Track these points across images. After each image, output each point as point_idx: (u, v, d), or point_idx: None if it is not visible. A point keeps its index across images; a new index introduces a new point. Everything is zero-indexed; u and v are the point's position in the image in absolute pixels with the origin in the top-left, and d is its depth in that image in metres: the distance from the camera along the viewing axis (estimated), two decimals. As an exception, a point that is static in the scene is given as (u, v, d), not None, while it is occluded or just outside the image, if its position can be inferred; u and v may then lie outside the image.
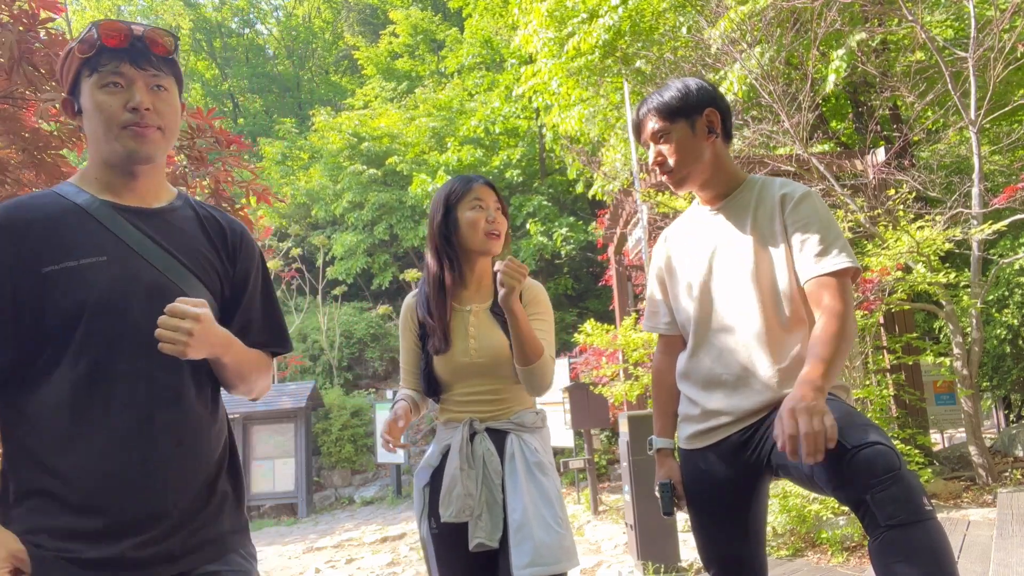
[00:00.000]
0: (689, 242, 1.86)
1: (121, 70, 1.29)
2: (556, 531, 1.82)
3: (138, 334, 1.25)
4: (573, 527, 7.17)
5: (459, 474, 1.88)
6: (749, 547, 1.74)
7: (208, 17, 28.52)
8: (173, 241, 1.35)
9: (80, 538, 1.18)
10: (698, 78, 1.86)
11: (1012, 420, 10.98)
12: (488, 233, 1.98)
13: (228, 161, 2.76)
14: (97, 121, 1.29)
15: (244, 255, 1.46)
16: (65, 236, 1.25)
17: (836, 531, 4.44)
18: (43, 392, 1.21)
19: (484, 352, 1.96)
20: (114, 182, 1.34)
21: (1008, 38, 5.56)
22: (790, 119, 5.72)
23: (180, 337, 1.21)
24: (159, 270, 1.31)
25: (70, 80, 1.32)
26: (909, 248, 5.18)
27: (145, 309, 1.25)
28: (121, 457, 1.22)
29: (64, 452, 1.20)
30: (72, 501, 1.19)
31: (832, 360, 1.49)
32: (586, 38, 8.19)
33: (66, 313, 1.22)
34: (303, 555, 7.75)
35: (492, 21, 17.37)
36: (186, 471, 1.29)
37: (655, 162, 1.82)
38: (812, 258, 1.63)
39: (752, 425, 1.67)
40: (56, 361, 1.21)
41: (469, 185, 2.03)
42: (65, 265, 1.22)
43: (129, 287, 1.27)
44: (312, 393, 11.77)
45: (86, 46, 1.28)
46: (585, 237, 13.56)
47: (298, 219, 17.22)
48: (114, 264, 1.26)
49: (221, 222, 1.46)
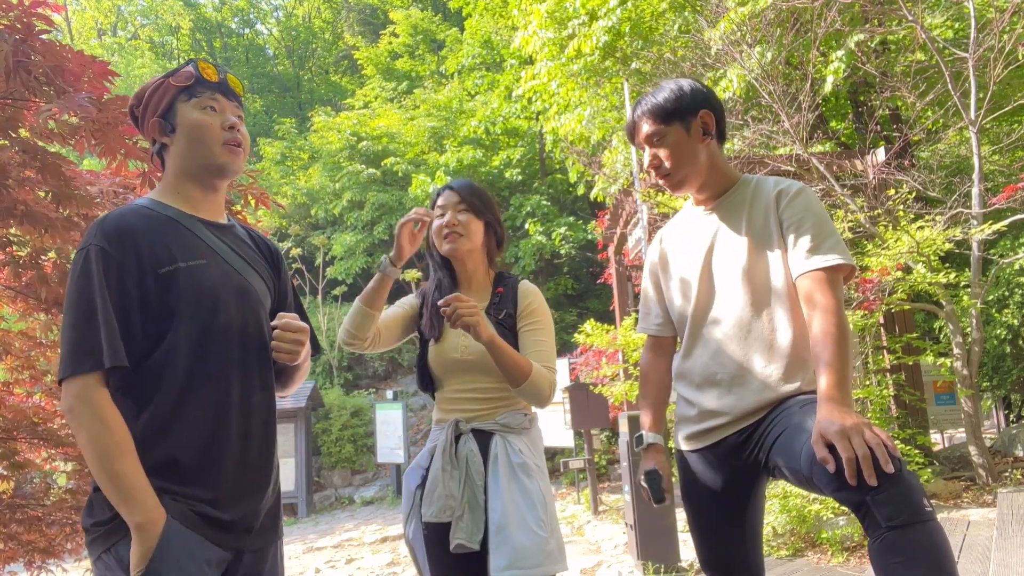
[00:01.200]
0: (684, 242, 1.86)
1: (216, 97, 1.53)
2: (537, 534, 1.80)
3: (232, 328, 1.45)
4: (573, 527, 7.16)
5: (441, 475, 1.89)
6: (746, 548, 1.74)
7: (208, 17, 28.52)
8: (244, 252, 1.56)
9: (202, 500, 1.36)
10: (693, 79, 1.86)
11: (1012, 420, 10.98)
12: (444, 236, 2.05)
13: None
14: (197, 136, 1.49)
15: (283, 270, 1.69)
16: (168, 242, 1.43)
17: (836, 531, 4.44)
18: (162, 378, 1.37)
19: (474, 349, 1.96)
20: (195, 196, 1.53)
21: (1008, 38, 5.56)
22: (790, 119, 5.73)
23: (295, 347, 1.48)
24: (242, 275, 1.51)
25: (164, 105, 1.51)
26: (909, 248, 5.18)
27: (236, 307, 1.47)
28: (229, 431, 1.41)
29: (182, 427, 1.37)
30: (190, 472, 1.36)
31: (840, 365, 1.49)
32: (586, 40, 8.19)
33: (180, 308, 1.39)
34: (303, 555, 7.75)
35: (492, 21, 17.36)
36: (272, 449, 1.51)
37: (651, 165, 1.81)
38: (804, 254, 1.63)
39: (750, 426, 1.66)
40: (173, 350, 1.38)
41: (438, 194, 2.14)
42: (177, 266, 1.40)
43: (224, 287, 1.46)
44: (312, 393, 11.77)
45: (183, 78, 1.50)
46: (585, 237, 13.55)
47: (298, 219, 17.23)
48: (212, 267, 1.46)
49: (266, 241, 1.69)
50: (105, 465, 1.27)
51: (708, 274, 1.76)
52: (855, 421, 1.37)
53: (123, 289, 1.36)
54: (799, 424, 1.52)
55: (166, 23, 27.48)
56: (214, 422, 1.39)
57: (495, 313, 2.02)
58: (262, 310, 1.54)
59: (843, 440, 1.34)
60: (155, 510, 1.28)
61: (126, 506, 1.27)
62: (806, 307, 1.61)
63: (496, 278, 2.12)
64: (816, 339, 1.55)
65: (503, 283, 2.09)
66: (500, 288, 2.07)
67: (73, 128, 2.44)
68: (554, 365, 2.00)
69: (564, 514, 7.99)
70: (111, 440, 1.28)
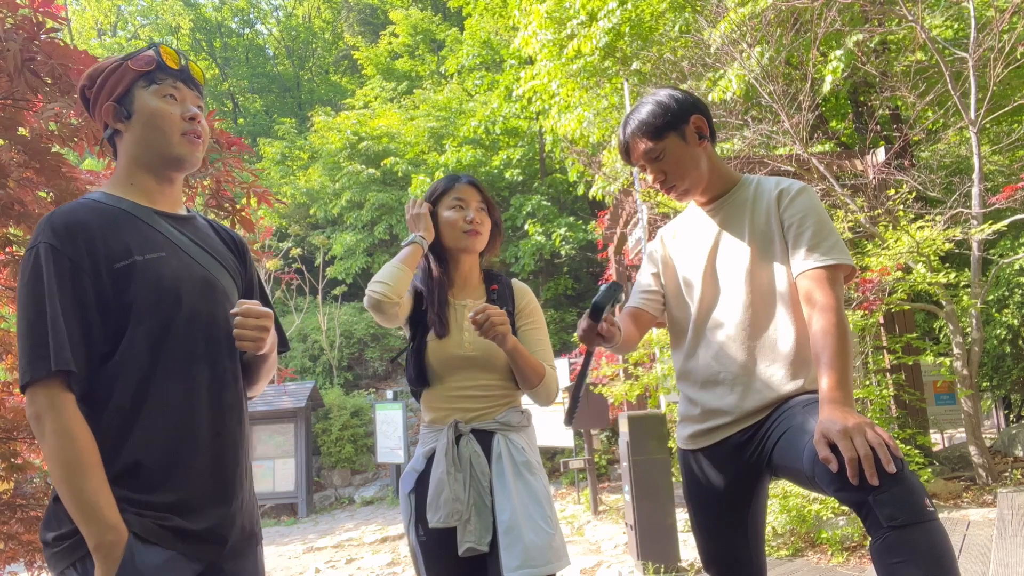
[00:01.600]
0: (686, 242, 1.86)
1: (177, 86, 1.46)
2: (546, 531, 1.80)
3: (197, 322, 1.38)
4: (573, 527, 7.16)
5: (446, 478, 1.84)
6: (749, 547, 1.74)
7: (208, 17, 28.52)
8: (207, 244, 1.49)
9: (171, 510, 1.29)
10: (671, 87, 1.85)
11: (1012, 420, 10.98)
12: (466, 231, 2.00)
13: (229, 162, 2.76)
14: (155, 125, 1.42)
15: (250, 262, 1.61)
16: (123, 236, 1.35)
17: (836, 531, 4.44)
18: (126, 377, 1.30)
19: (478, 346, 1.94)
20: (150, 187, 1.45)
21: (1008, 38, 5.56)
22: (790, 119, 5.73)
23: (259, 334, 1.39)
24: (204, 267, 1.44)
25: (121, 90, 1.43)
26: (909, 248, 5.19)
27: (200, 300, 1.40)
28: (199, 431, 1.35)
29: (145, 429, 1.30)
30: (156, 476, 1.29)
31: (840, 364, 1.49)
32: (586, 41, 8.19)
33: (139, 304, 1.33)
34: (303, 555, 7.75)
35: (492, 21, 17.37)
36: (244, 448, 1.44)
37: (656, 181, 1.81)
38: (804, 253, 1.63)
39: (753, 425, 1.66)
40: (133, 348, 1.31)
41: (451, 184, 2.06)
42: (133, 260, 1.33)
43: (186, 280, 1.39)
44: (312, 393, 11.77)
45: (142, 62, 1.43)
46: (585, 237, 13.55)
47: (298, 219, 17.23)
48: (172, 259, 1.39)
49: (230, 232, 1.61)
50: (68, 480, 1.21)
51: (711, 275, 1.77)
52: (857, 421, 1.37)
53: (77, 288, 1.28)
54: (801, 424, 1.52)
55: (166, 23, 27.46)
56: (181, 422, 1.33)
57: None
58: (228, 303, 1.46)
59: (845, 440, 1.34)
60: (115, 530, 1.21)
61: (86, 526, 1.21)
62: (806, 306, 1.61)
63: (485, 276, 2.11)
64: (816, 338, 1.55)
65: (495, 280, 2.08)
66: (494, 286, 2.05)
67: (73, 129, 2.44)
68: (553, 362, 2.02)
69: (564, 514, 7.99)
70: (74, 454, 1.22)
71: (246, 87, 27.70)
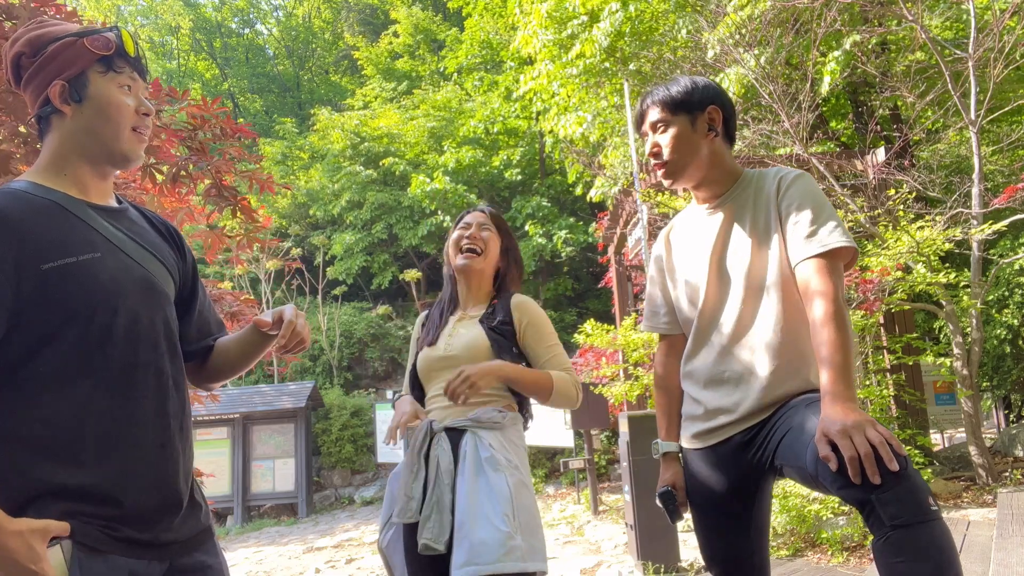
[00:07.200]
0: (689, 242, 1.85)
1: (134, 77, 1.36)
2: (498, 528, 1.73)
3: (137, 328, 1.28)
4: (573, 527, 7.15)
5: (405, 473, 1.91)
6: (751, 547, 1.73)
7: (208, 17, 28.51)
8: (143, 238, 1.39)
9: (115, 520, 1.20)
10: (708, 78, 1.86)
11: (1012, 420, 10.98)
12: (462, 250, 2.10)
13: (230, 151, 2.75)
14: (109, 116, 1.32)
15: (188, 250, 1.52)
16: (57, 232, 1.23)
17: (836, 531, 4.44)
18: (54, 388, 1.19)
19: (456, 346, 2.00)
20: (85, 179, 1.33)
21: (1008, 39, 5.56)
22: (790, 119, 5.73)
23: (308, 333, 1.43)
24: (141, 265, 1.33)
25: (75, 71, 1.30)
26: (909, 248, 5.19)
27: (139, 303, 1.29)
28: (143, 443, 1.26)
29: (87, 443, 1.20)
30: (97, 491, 1.19)
31: (840, 358, 1.46)
32: (588, 44, 8.19)
33: (73, 309, 1.21)
34: (303, 555, 7.75)
35: (492, 21, 17.37)
36: (188, 457, 1.36)
37: (650, 152, 1.81)
38: (802, 240, 1.60)
39: (756, 425, 1.66)
40: (66, 355, 1.20)
41: (465, 213, 2.21)
42: (65, 261, 1.21)
43: (125, 283, 1.28)
44: (312, 393, 11.77)
45: (101, 44, 1.31)
46: (585, 238, 13.55)
47: (298, 219, 17.23)
48: (109, 260, 1.27)
49: (165, 222, 1.51)
50: None
51: (715, 275, 1.75)
52: (857, 418, 1.35)
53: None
54: (803, 423, 1.51)
55: (166, 23, 27.44)
56: (122, 435, 1.23)
57: (488, 321, 2.04)
58: (168, 305, 1.37)
59: (845, 438, 1.33)
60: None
61: None
62: (804, 296, 1.58)
63: (495, 294, 2.17)
64: (815, 330, 1.53)
65: (499, 296, 2.14)
66: (495, 300, 2.12)
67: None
68: (569, 364, 2.04)
69: (564, 514, 7.99)
70: None
71: (246, 87, 27.68)
